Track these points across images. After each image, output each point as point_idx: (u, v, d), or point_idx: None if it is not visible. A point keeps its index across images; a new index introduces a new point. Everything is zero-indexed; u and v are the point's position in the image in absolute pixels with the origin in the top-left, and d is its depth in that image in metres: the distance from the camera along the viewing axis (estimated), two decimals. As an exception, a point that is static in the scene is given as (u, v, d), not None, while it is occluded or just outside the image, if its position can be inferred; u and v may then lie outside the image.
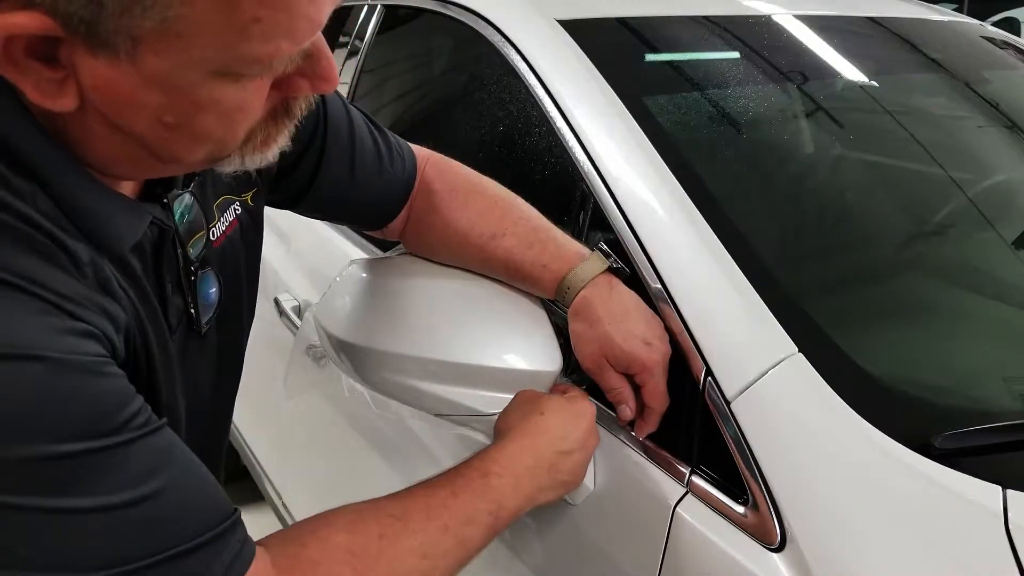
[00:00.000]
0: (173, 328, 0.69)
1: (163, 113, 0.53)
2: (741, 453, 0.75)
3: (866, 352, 0.83)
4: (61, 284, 0.53)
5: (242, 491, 2.35)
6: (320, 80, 0.58)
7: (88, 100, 0.52)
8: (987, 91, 1.39)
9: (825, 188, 1.18)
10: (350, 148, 0.87)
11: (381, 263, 0.98)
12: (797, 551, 0.69)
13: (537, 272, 0.88)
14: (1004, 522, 0.65)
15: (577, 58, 1.10)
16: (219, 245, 0.75)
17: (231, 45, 0.50)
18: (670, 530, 0.78)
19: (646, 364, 0.82)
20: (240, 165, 0.61)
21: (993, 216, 1.17)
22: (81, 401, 0.52)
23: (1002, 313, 1.04)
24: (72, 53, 0.50)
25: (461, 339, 0.86)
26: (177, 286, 0.69)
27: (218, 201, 0.75)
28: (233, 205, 0.77)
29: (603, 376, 0.84)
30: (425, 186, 0.94)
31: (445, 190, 0.93)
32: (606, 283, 0.86)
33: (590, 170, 0.98)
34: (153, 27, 0.48)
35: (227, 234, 0.76)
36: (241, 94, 0.54)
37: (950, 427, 0.73)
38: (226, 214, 0.76)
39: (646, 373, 0.82)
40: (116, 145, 0.56)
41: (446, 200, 0.93)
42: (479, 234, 0.91)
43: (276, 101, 0.59)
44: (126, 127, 0.54)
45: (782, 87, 1.23)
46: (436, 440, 1.11)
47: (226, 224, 0.76)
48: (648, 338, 0.83)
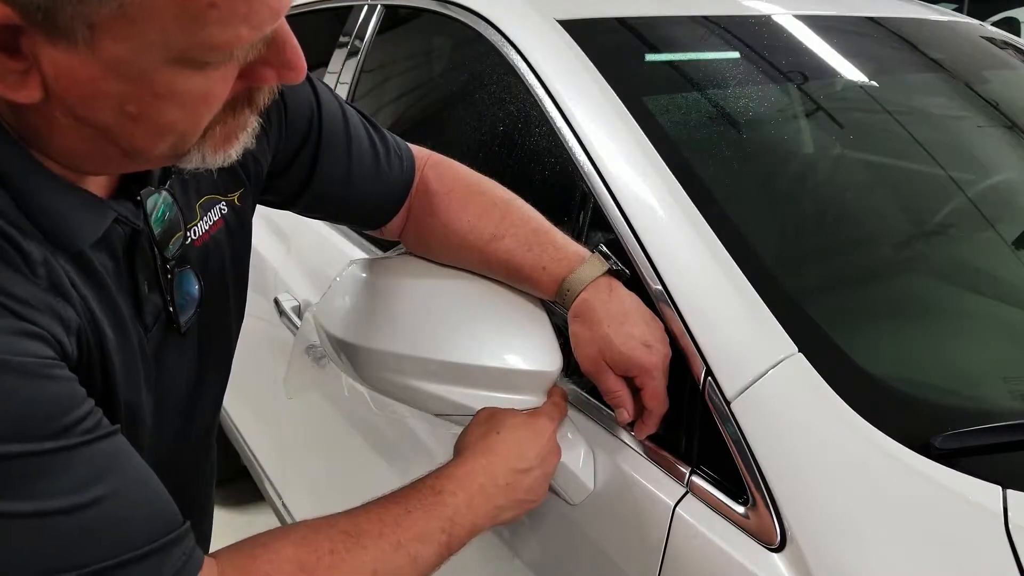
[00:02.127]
0: (149, 327, 0.68)
1: (125, 102, 0.52)
2: (741, 453, 0.75)
3: (866, 352, 0.83)
4: (12, 285, 0.53)
5: (242, 491, 2.35)
6: (286, 69, 0.57)
7: (52, 91, 0.51)
8: (987, 91, 1.39)
9: (825, 188, 1.18)
10: (346, 147, 0.87)
11: (381, 263, 0.98)
12: (797, 551, 0.69)
13: (536, 274, 0.88)
14: (1004, 522, 0.65)
15: (577, 58, 1.10)
16: (201, 244, 0.74)
17: (188, 31, 0.49)
18: (670, 530, 0.78)
19: (645, 367, 0.81)
20: (201, 163, 0.60)
21: (993, 216, 1.17)
22: (22, 402, 0.51)
23: (1002, 313, 1.04)
24: (33, 43, 0.49)
25: (461, 339, 0.85)
26: (155, 284, 0.68)
27: (201, 200, 0.74)
28: (218, 205, 0.76)
29: (602, 379, 0.84)
30: (424, 187, 0.94)
31: (444, 191, 0.93)
32: (606, 285, 0.86)
33: (590, 170, 0.98)
34: (109, 13, 0.48)
35: (211, 233, 0.75)
36: (205, 83, 0.53)
37: (950, 427, 0.73)
38: (210, 213, 0.75)
39: (646, 376, 0.82)
40: (81, 138, 0.55)
41: (445, 201, 0.92)
42: (478, 236, 0.90)
43: (239, 91, 0.57)
44: (90, 118, 0.53)
45: (782, 87, 1.23)
46: (436, 440, 1.11)
47: (209, 223, 0.75)
48: (648, 340, 0.82)
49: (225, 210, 0.77)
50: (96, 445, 0.55)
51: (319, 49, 1.83)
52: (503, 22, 1.20)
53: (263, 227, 1.62)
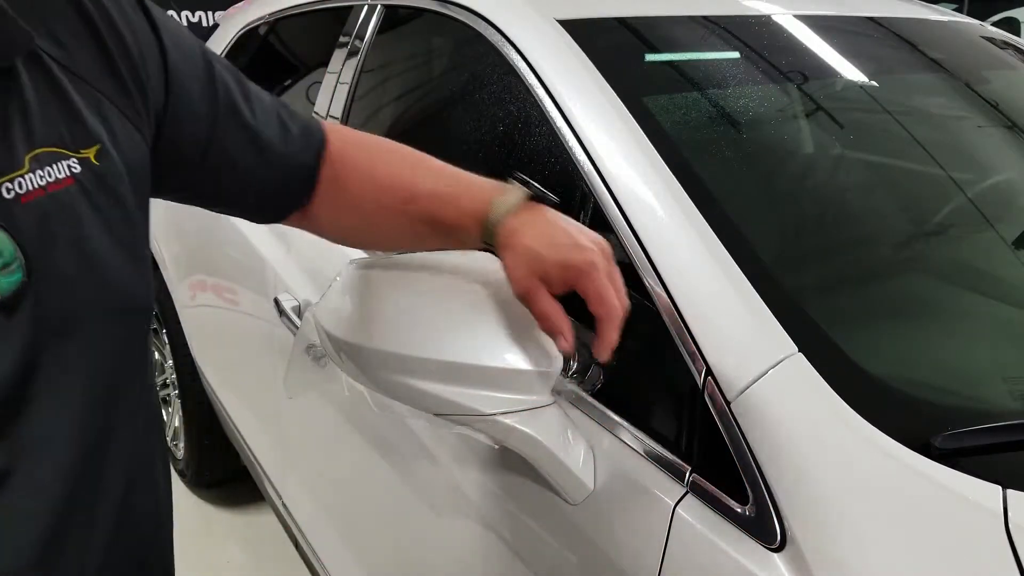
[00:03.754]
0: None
1: None
2: (741, 453, 0.75)
3: (866, 352, 0.83)
4: None
5: (242, 491, 2.35)
6: None
7: None
8: (987, 91, 1.39)
9: (825, 188, 1.18)
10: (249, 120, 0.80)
11: (381, 263, 0.97)
12: (797, 551, 0.69)
13: (462, 222, 0.83)
14: (1004, 522, 0.65)
15: (577, 58, 1.10)
16: (33, 201, 0.63)
17: None
18: (670, 530, 0.78)
19: (580, 267, 0.74)
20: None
21: (993, 216, 1.17)
22: None
23: (1002, 313, 1.04)
24: None
25: (461, 339, 0.85)
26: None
27: (35, 152, 0.64)
28: (65, 161, 0.65)
29: (535, 300, 0.77)
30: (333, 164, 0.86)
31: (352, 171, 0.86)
32: (528, 209, 0.80)
33: (590, 170, 0.98)
34: None
35: (50, 192, 0.64)
36: None
37: (950, 427, 0.73)
38: (51, 168, 0.64)
39: (583, 278, 0.75)
40: None
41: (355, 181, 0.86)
42: (392, 202, 0.85)
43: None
44: None
45: (782, 87, 1.23)
46: (436, 440, 1.11)
47: (47, 180, 0.64)
48: (579, 241, 0.76)
49: (77, 168, 0.66)
50: None
51: (319, 49, 1.83)
52: (503, 22, 1.20)
53: (263, 227, 1.62)
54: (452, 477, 1.08)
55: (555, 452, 0.85)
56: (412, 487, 1.19)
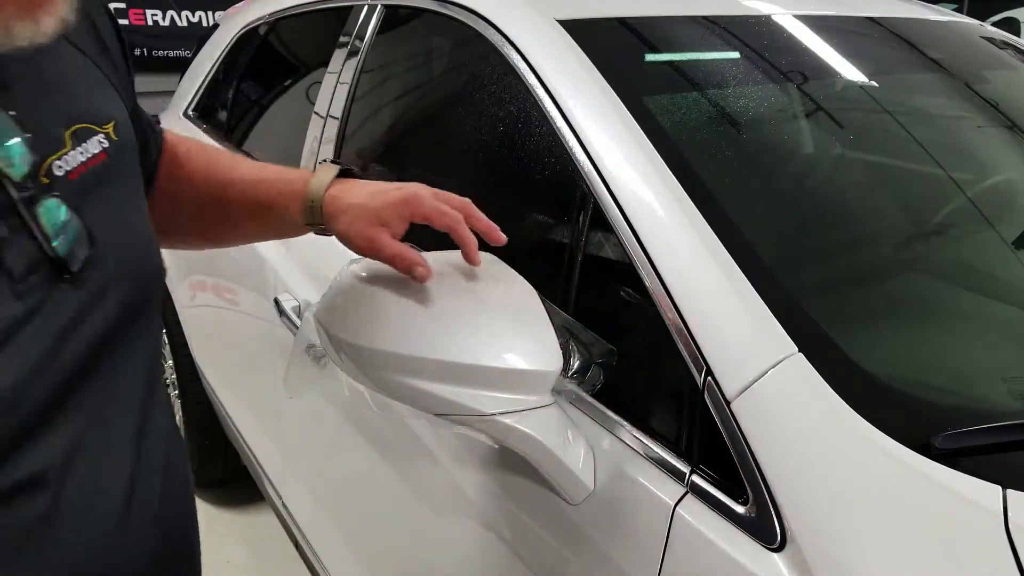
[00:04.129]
0: (17, 276, 0.57)
1: None
2: (741, 453, 0.75)
3: (866, 352, 0.83)
4: None
5: (242, 491, 2.35)
6: None
7: None
8: (987, 91, 1.39)
9: (825, 188, 1.18)
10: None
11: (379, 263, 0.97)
12: (797, 551, 0.69)
13: (280, 201, 0.89)
14: (1004, 522, 0.65)
15: (577, 58, 1.10)
16: (78, 178, 0.64)
17: None
18: (670, 530, 0.78)
19: (406, 198, 0.81)
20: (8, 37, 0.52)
21: (993, 216, 1.17)
22: None
23: (1002, 313, 1.04)
24: None
25: (461, 339, 0.85)
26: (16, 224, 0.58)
27: (74, 128, 0.65)
28: (96, 137, 0.67)
29: (381, 246, 0.82)
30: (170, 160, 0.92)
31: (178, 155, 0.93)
32: (341, 182, 0.87)
33: (590, 170, 0.98)
34: None
35: (90, 167, 0.65)
36: None
37: (950, 427, 0.73)
38: (87, 145, 0.65)
39: (414, 205, 0.82)
40: None
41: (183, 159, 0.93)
42: (217, 176, 0.92)
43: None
44: None
45: (782, 87, 1.23)
46: (436, 440, 1.11)
47: (87, 155, 0.65)
48: (398, 184, 0.83)
49: (106, 143, 0.68)
50: None
51: (319, 49, 1.83)
52: (503, 22, 1.20)
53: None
54: (452, 477, 1.08)
55: (555, 452, 0.85)
56: (412, 487, 1.19)
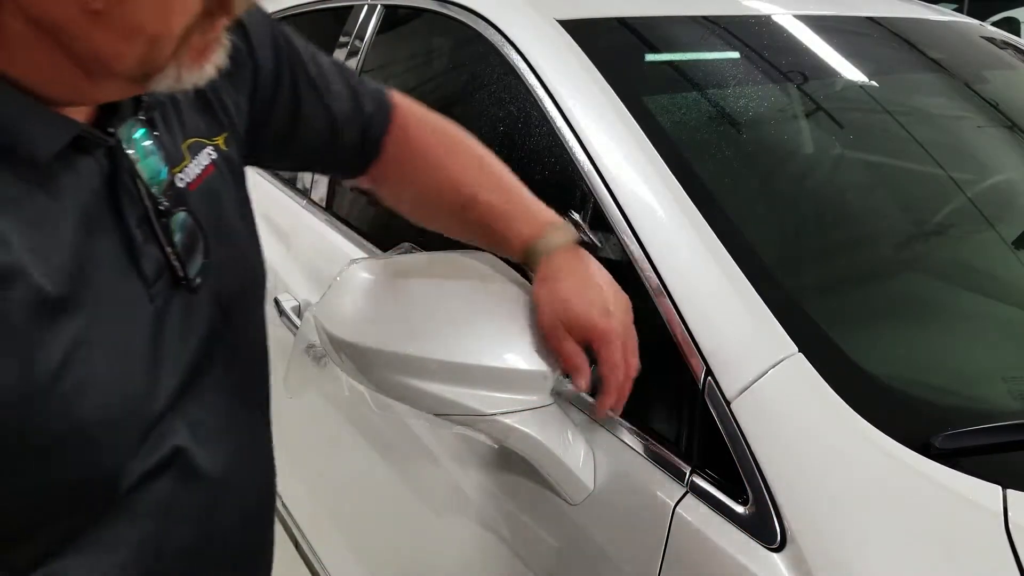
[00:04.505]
0: (150, 279, 0.62)
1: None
2: (741, 453, 0.75)
3: (866, 352, 0.83)
4: None
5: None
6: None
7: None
8: (987, 91, 1.39)
9: (825, 188, 1.18)
10: (323, 92, 0.85)
11: (381, 263, 0.97)
12: (797, 551, 0.69)
13: (509, 235, 0.88)
14: (1004, 522, 0.65)
15: (577, 58, 1.10)
16: (196, 189, 0.68)
17: None
18: (670, 530, 0.78)
19: (603, 332, 0.79)
20: (177, 82, 0.55)
21: (993, 216, 1.17)
22: None
23: (1002, 313, 1.04)
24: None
25: (461, 339, 0.85)
26: (149, 233, 0.62)
27: (188, 142, 0.69)
28: (206, 149, 0.71)
29: (559, 343, 0.82)
30: (401, 136, 0.92)
31: (422, 147, 0.92)
32: (574, 252, 0.85)
33: (590, 170, 0.98)
34: None
35: (204, 178, 0.70)
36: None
37: (950, 427, 0.73)
38: (199, 157, 0.70)
39: (602, 342, 0.80)
40: (36, 50, 0.50)
41: (422, 159, 0.91)
42: (454, 198, 0.90)
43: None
44: (47, 20, 0.48)
45: (782, 87, 1.23)
46: (436, 440, 1.11)
47: (200, 167, 0.70)
48: (608, 306, 0.80)
49: (214, 155, 0.72)
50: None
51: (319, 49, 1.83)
52: (503, 22, 1.20)
53: (263, 227, 1.62)
54: (452, 477, 1.08)
55: (555, 452, 0.85)
56: (412, 487, 1.19)
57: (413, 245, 1.24)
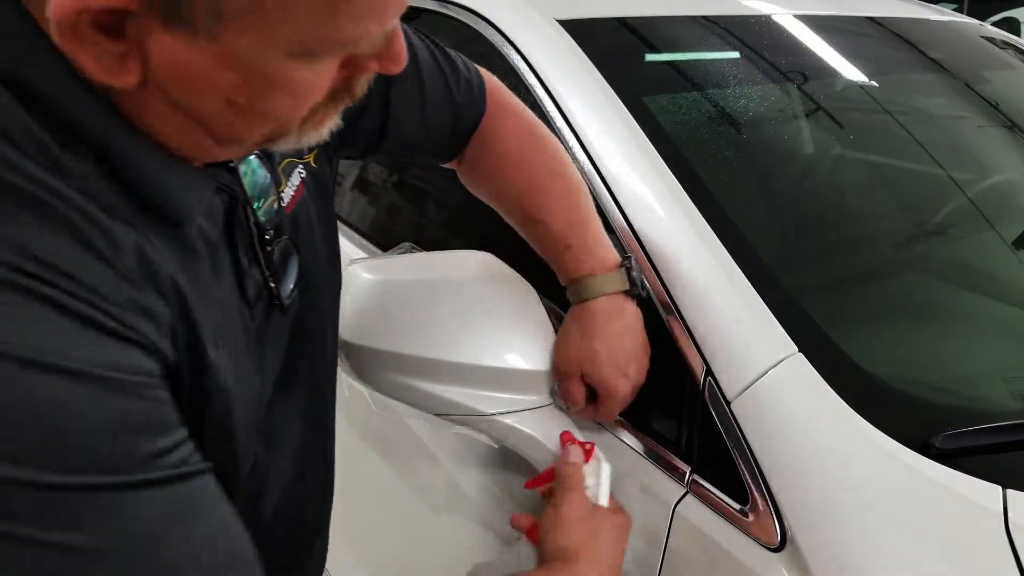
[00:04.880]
0: (252, 303, 0.64)
1: (234, 93, 0.50)
2: (741, 453, 0.75)
3: (866, 352, 0.83)
4: (98, 280, 0.47)
5: (242, 491, 2.35)
6: (389, 61, 0.55)
7: (153, 77, 0.49)
8: (987, 91, 1.39)
9: (825, 188, 1.18)
10: (418, 84, 0.86)
11: (381, 263, 0.98)
12: (797, 551, 0.69)
13: (560, 264, 0.90)
14: (1004, 522, 0.65)
15: (577, 58, 1.10)
16: (291, 211, 0.70)
17: (320, 25, 0.47)
18: (670, 530, 0.78)
19: (611, 391, 0.84)
20: (296, 144, 0.58)
21: (993, 216, 1.17)
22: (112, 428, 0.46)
23: (1002, 313, 1.04)
24: (142, 28, 0.46)
25: (461, 339, 0.85)
26: (252, 258, 0.64)
27: (283, 164, 0.71)
28: (296, 169, 0.73)
29: (569, 383, 0.85)
30: (487, 133, 0.93)
31: (502, 149, 0.93)
32: (617, 304, 0.86)
33: (590, 170, 0.98)
34: (245, 5, 0.45)
35: (296, 199, 0.72)
36: (313, 74, 0.51)
37: (950, 427, 0.73)
38: (291, 178, 0.72)
39: (609, 399, 0.84)
40: (175, 126, 0.53)
41: (502, 161, 0.93)
42: (518, 209, 0.93)
43: (338, 80, 0.55)
44: (190, 107, 0.51)
45: (782, 87, 1.23)
46: (436, 440, 1.11)
47: (293, 188, 0.72)
48: (628, 371, 0.84)
49: (304, 173, 0.74)
50: (180, 485, 0.49)
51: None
52: (503, 22, 1.20)
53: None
54: (452, 477, 1.08)
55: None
56: (412, 487, 1.19)
57: (413, 245, 1.24)
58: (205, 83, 0.49)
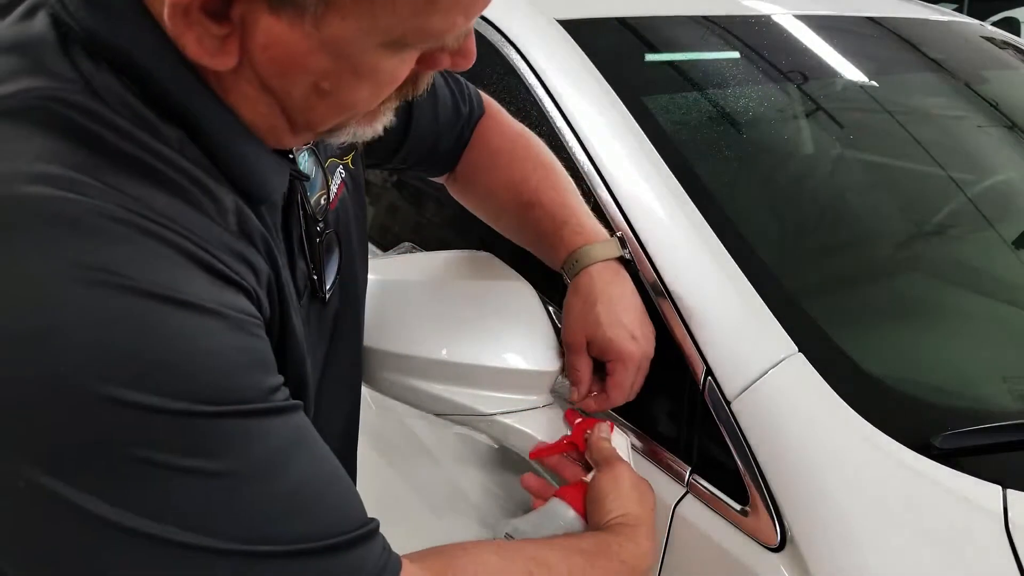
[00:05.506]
0: (300, 292, 0.66)
1: (323, 79, 0.52)
2: (741, 453, 0.75)
3: (866, 352, 0.83)
4: (207, 231, 0.50)
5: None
6: (461, 56, 0.57)
7: (249, 60, 0.51)
8: (987, 91, 1.39)
9: (825, 188, 1.18)
10: (432, 100, 0.89)
11: (381, 263, 0.98)
12: (797, 551, 0.69)
13: (556, 241, 0.90)
14: (1004, 522, 0.65)
15: (577, 58, 1.10)
16: (335, 208, 0.72)
17: (415, 16, 0.49)
18: (670, 530, 0.78)
19: (623, 354, 0.82)
20: (351, 137, 0.60)
21: (993, 216, 1.17)
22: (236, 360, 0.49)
23: (1002, 313, 1.04)
24: (248, 11, 0.48)
25: (461, 339, 0.85)
26: (301, 249, 0.66)
27: (327, 163, 0.73)
28: (338, 168, 0.75)
29: (575, 355, 0.84)
30: (479, 139, 0.96)
31: (492, 149, 0.95)
32: (614, 268, 0.86)
33: (590, 170, 0.98)
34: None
35: (339, 197, 0.74)
36: (398, 65, 0.53)
37: (950, 427, 0.73)
38: (335, 177, 0.74)
39: (619, 363, 0.82)
40: (258, 110, 0.54)
41: (492, 160, 0.95)
42: (519, 195, 0.93)
43: (412, 73, 0.57)
44: (279, 90, 0.53)
45: (782, 87, 1.23)
46: (436, 440, 1.11)
47: (336, 186, 0.74)
48: (635, 333, 0.82)
49: (343, 173, 0.76)
50: (290, 416, 0.52)
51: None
52: (503, 22, 1.20)
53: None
54: (452, 477, 1.08)
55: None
56: (412, 487, 1.19)
57: (413, 245, 1.24)
58: (299, 67, 0.51)
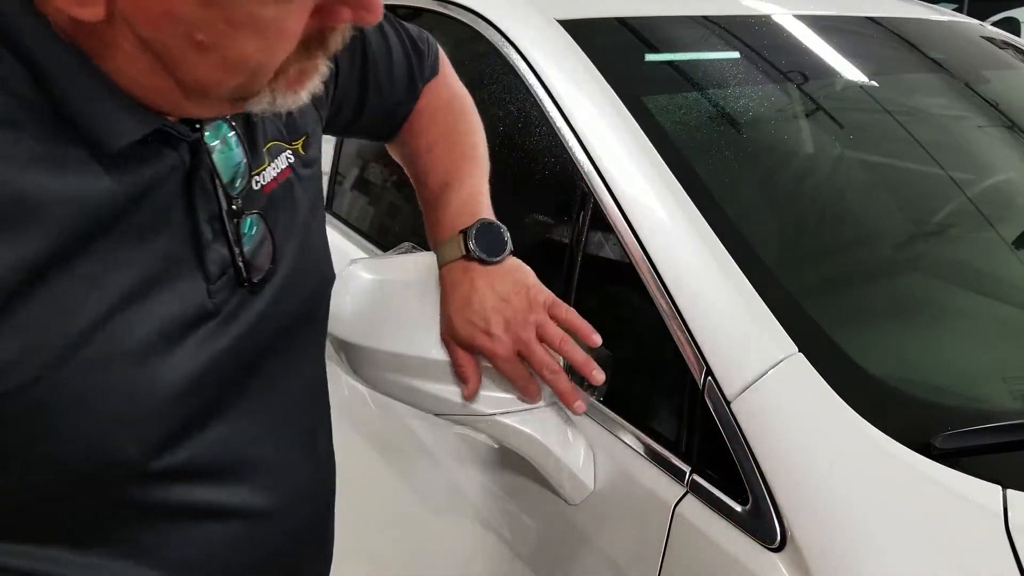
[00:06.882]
0: (212, 277, 0.62)
1: (196, 29, 0.49)
2: (741, 453, 0.75)
3: (866, 352, 0.83)
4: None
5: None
6: (362, 9, 0.54)
7: (118, 10, 0.49)
8: (987, 91, 1.39)
9: (825, 188, 1.18)
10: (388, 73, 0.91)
11: (381, 263, 0.97)
12: (797, 551, 0.69)
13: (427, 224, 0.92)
14: (1004, 522, 0.65)
15: (577, 58, 1.10)
16: (270, 192, 0.69)
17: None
18: (670, 530, 0.78)
19: (486, 353, 0.81)
20: (271, 105, 0.57)
21: (993, 216, 1.17)
22: None
23: (1002, 313, 1.04)
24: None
25: (461, 339, 0.85)
26: (219, 231, 0.63)
27: (268, 146, 0.70)
28: (284, 153, 0.72)
29: (451, 352, 0.84)
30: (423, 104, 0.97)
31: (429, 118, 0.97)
32: (461, 268, 0.84)
33: (590, 170, 0.98)
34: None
35: (279, 181, 0.70)
36: (283, 14, 0.50)
37: (950, 427, 0.73)
38: (277, 161, 0.71)
39: (491, 359, 0.81)
40: (139, 68, 0.52)
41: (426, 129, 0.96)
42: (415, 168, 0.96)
43: (311, 31, 0.54)
44: (154, 42, 0.50)
45: (782, 87, 1.23)
46: (436, 440, 1.11)
47: (277, 171, 0.70)
48: (490, 328, 0.81)
49: (292, 159, 0.73)
50: None
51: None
52: (503, 22, 1.20)
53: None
54: (452, 477, 1.08)
55: (555, 452, 0.85)
56: (412, 487, 1.19)
57: (413, 245, 1.24)
58: (168, 15, 0.49)
